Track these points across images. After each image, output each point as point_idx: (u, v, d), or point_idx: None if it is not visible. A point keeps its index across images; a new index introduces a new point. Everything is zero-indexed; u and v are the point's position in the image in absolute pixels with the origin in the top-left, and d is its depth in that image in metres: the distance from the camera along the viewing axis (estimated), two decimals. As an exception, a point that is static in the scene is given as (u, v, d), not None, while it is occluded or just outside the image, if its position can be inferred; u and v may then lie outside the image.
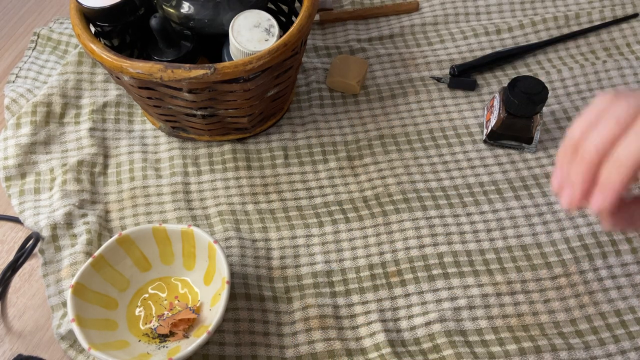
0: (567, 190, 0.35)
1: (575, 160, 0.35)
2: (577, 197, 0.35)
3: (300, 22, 0.50)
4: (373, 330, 0.47)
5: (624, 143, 0.33)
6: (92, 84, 0.62)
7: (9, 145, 0.58)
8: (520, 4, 0.69)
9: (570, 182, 0.35)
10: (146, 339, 0.46)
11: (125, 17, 0.52)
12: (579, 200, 0.35)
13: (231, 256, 0.51)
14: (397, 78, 0.63)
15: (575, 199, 0.35)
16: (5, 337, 0.48)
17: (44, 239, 0.51)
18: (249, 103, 0.53)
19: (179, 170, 0.57)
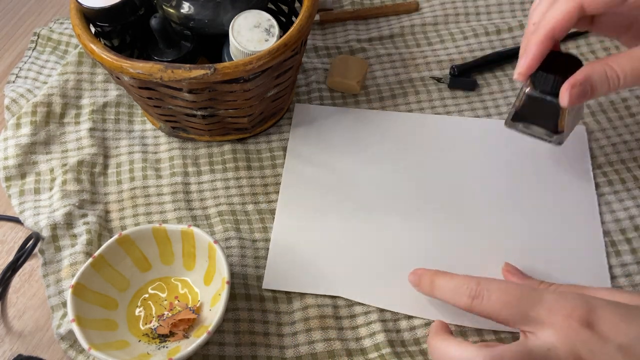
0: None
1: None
2: (518, 66, 0.43)
3: (300, 22, 0.50)
4: (373, 330, 0.47)
5: (547, 14, 0.41)
6: (92, 84, 0.62)
7: (9, 145, 0.58)
8: (520, 4, 0.69)
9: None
10: (146, 339, 0.46)
11: (125, 17, 0.52)
12: (520, 68, 0.43)
13: (231, 256, 0.51)
14: (397, 78, 0.63)
15: (518, 68, 0.43)
16: (5, 337, 0.48)
17: (44, 239, 0.51)
18: (249, 103, 0.53)
19: (179, 171, 0.57)
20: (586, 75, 0.40)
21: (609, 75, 0.40)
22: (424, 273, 0.45)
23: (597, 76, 0.40)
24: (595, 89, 0.40)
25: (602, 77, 0.40)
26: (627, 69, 0.40)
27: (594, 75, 0.40)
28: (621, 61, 0.40)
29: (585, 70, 0.41)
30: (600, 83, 0.40)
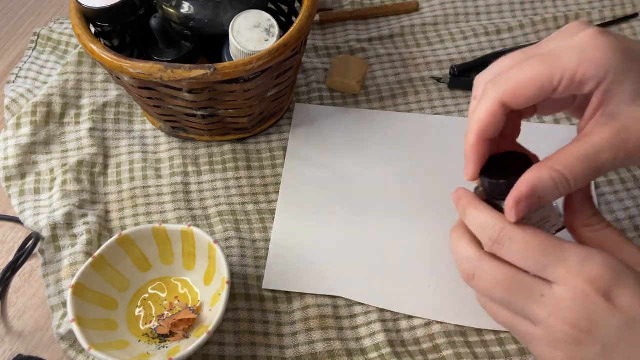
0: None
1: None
2: (465, 168, 0.40)
3: (300, 22, 0.50)
4: (373, 330, 0.47)
5: (473, 114, 0.38)
6: (92, 84, 0.62)
7: (9, 145, 0.58)
8: (520, 4, 0.69)
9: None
10: (146, 339, 0.46)
11: (125, 17, 0.52)
12: (465, 171, 0.40)
13: (231, 256, 0.51)
14: (397, 78, 0.63)
15: (465, 170, 0.40)
16: (5, 337, 0.48)
17: (44, 239, 0.51)
18: (249, 103, 0.53)
19: (179, 171, 0.57)
20: (531, 188, 0.35)
21: (557, 182, 0.35)
22: (463, 196, 0.40)
23: (543, 186, 0.35)
24: (544, 199, 0.35)
25: (549, 186, 0.35)
26: (576, 171, 0.35)
27: (539, 186, 0.35)
28: (569, 162, 0.35)
29: (529, 181, 0.35)
30: (548, 192, 0.35)
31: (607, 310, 0.32)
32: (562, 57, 0.35)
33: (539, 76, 0.35)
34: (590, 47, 0.34)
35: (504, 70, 0.37)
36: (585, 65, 0.34)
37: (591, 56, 0.34)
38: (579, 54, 0.34)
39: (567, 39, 0.36)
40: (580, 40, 0.35)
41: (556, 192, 0.35)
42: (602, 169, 0.34)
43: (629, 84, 0.34)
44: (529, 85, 0.35)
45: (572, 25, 0.37)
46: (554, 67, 0.34)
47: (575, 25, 0.37)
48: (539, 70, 0.35)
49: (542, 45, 0.38)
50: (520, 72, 0.35)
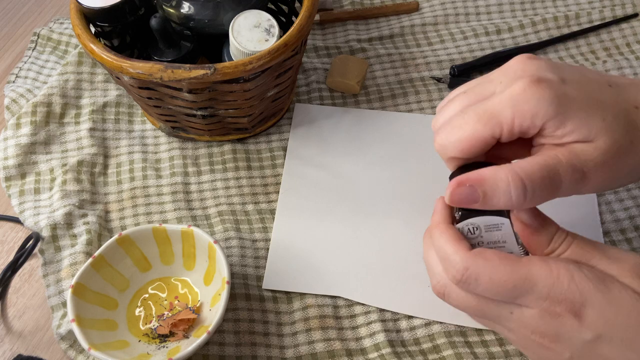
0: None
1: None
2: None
3: (300, 22, 0.50)
4: (373, 330, 0.47)
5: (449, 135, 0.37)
6: (92, 84, 0.62)
7: (9, 145, 0.58)
8: (521, 4, 0.69)
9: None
10: (146, 339, 0.46)
11: (125, 17, 0.52)
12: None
13: (231, 256, 0.51)
14: (397, 78, 0.63)
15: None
16: (5, 337, 0.48)
17: (44, 239, 0.51)
18: (249, 103, 0.53)
19: (179, 171, 0.57)
20: (480, 178, 0.34)
21: (512, 187, 0.33)
22: (436, 212, 0.39)
23: (494, 182, 0.33)
24: (488, 199, 0.34)
25: (501, 185, 0.33)
26: (535, 179, 0.33)
27: (489, 181, 0.34)
28: (530, 168, 0.33)
29: (483, 172, 0.34)
30: (495, 193, 0.34)
31: (575, 326, 0.33)
32: (497, 112, 0.35)
33: (480, 133, 0.36)
34: (521, 100, 0.34)
35: (450, 122, 0.38)
36: (520, 119, 0.35)
37: (524, 109, 0.34)
38: (512, 107, 0.35)
39: (504, 87, 0.36)
40: (512, 93, 0.35)
41: (507, 194, 0.33)
42: (559, 185, 0.34)
43: (569, 124, 0.34)
44: (473, 143, 0.36)
45: (513, 66, 0.37)
46: (492, 123, 0.35)
47: (515, 66, 0.36)
48: (479, 128, 0.36)
49: (484, 86, 0.37)
50: (463, 131, 0.36)
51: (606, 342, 0.33)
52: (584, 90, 0.35)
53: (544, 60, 0.36)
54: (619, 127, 0.35)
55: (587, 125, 0.34)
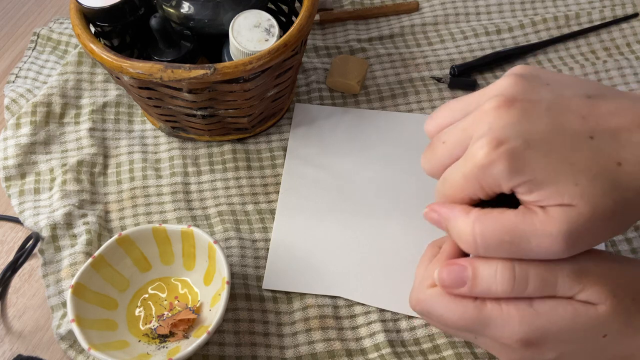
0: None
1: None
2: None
3: (300, 22, 0.50)
4: (373, 330, 0.47)
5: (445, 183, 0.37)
6: (92, 84, 0.62)
7: (8, 145, 0.58)
8: (521, 3, 0.69)
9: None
10: (146, 339, 0.46)
11: (125, 17, 0.52)
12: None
13: (231, 256, 0.51)
14: (397, 78, 0.63)
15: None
16: (5, 337, 0.48)
17: (43, 239, 0.51)
18: (249, 103, 0.53)
19: (179, 171, 0.57)
20: (445, 215, 0.36)
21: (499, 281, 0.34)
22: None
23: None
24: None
25: (458, 232, 0.35)
26: (490, 241, 0.34)
27: (450, 224, 0.36)
28: (487, 225, 0.34)
29: (450, 210, 0.36)
30: (454, 235, 0.36)
31: (536, 353, 0.35)
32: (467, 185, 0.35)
33: (461, 197, 0.36)
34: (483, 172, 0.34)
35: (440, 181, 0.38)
36: (488, 187, 0.34)
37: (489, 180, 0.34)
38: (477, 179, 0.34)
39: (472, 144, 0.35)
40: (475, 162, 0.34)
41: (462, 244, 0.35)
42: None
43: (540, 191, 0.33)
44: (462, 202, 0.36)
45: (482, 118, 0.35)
46: (465, 192, 0.35)
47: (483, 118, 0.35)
48: (458, 194, 0.36)
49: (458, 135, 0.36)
50: (449, 196, 0.37)
51: (569, 355, 0.35)
52: (553, 152, 0.33)
53: (517, 110, 0.34)
54: (596, 190, 0.32)
55: (558, 191, 0.32)
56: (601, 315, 0.34)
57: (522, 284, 0.34)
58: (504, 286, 0.34)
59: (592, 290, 0.34)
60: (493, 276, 0.34)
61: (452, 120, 0.38)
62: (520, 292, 0.34)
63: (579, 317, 0.34)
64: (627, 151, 0.33)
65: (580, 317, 0.34)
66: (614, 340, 0.35)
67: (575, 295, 0.34)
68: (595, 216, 0.32)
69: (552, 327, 0.34)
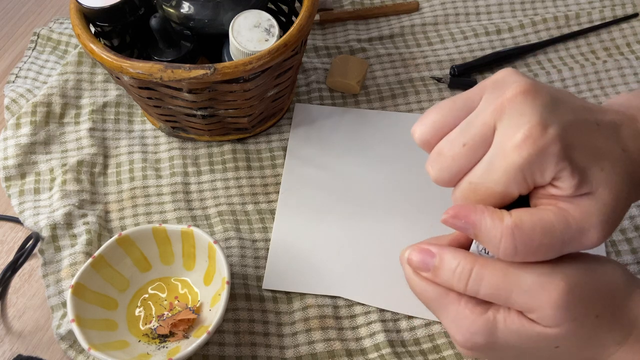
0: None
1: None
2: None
3: (300, 22, 0.50)
4: (373, 330, 0.47)
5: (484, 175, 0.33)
6: (92, 84, 0.62)
7: (8, 145, 0.58)
8: (521, 4, 0.69)
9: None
10: (146, 339, 0.46)
11: (125, 17, 0.52)
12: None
13: (231, 256, 0.51)
14: (397, 78, 0.63)
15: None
16: (5, 337, 0.48)
17: (43, 239, 0.51)
18: (249, 103, 0.53)
19: (179, 171, 0.57)
20: (475, 224, 0.33)
21: (502, 245, 0.32)
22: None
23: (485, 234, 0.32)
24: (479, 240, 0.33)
25: (490, 239, 0.32)
26: (532, 244, 0.32)
27: (483, 231, 0.32)
28: (527, 229, 0.32)
29: (481, 220, 0.32)
30: (485, 242, 0.33)
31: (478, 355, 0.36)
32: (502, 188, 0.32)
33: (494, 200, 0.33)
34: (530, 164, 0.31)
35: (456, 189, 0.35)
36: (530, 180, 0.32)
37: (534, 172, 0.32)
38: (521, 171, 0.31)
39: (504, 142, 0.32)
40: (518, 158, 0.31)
41: (495, 248, 0.32)
42: (558, 250, 0.32)
43: (572, 178, 0.32)
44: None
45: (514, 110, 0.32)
46: (497, 197, 0.33)
47: (515, 108, 0.32)
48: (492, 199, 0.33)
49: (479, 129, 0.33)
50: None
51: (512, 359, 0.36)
52: (581, 136, 0.32)
53: (544, 94, 0.32)
54: (618, 177, 0.32)
55: (590, 177, 0.31)
56: (556, 335, 0.33)
57: (474, 286, 0.33)
58: (459, 284, 0.34)
59: (546, 315, 0.32)
60: (453, 271, 0.34)
61: (454, 119, 0.34)
62: (474, 293, 0.34)
63: (527, 333, 0.33)
64: (627, 140, 0.34)
65: (529, 334, 0.33)
66: (568, 351, 0.34)
67: (529, 313, 0.33)
68: (618, 203, 0.32)
69: (496, 338, 0.34)
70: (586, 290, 0.33)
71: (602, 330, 0.34)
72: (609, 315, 0.33)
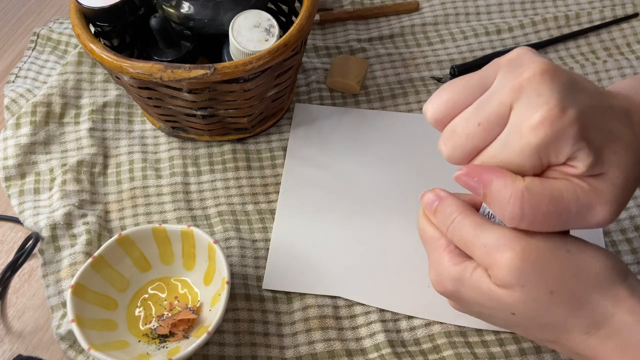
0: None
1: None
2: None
3: (300, 22, 0.50)
4: (373, 330, 0.47)
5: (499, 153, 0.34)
6: (92, 84, 0.62)
7: (8, 145, 0.58)
8: (521, 3, 0.69)
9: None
10: (146, 339, 0.46)
11: (125, 17, 0.52)
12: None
13: (231, 256, 0.51)
14: (397, 78, 0.63)
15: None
16: (5, 337, 0.48)
17: (43, 239, 0.51)
18: (249, 103, 0.53)
19: (179, 171, 0.57)
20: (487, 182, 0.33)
21: (509, 208, 0.33)
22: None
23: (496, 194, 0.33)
24: (487, 201, 0.34)
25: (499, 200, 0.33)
26: (539, 210, 0.32)
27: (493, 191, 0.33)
28: (538, 197, 0.32)
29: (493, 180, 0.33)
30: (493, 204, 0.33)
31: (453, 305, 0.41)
32: (521, 163, 0.33)
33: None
34: (546, 146, 0.32)
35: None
36: (545, 159, 0.32)
37: (550, 152, 0.32)
38: (537, 151, 0.32)
39: (522, 120, 0.32)
40: (536, 138, 0.32)
41: (502, 212, 0.33)
42: (564, 222, 0.33)
43: (587, 158, 0.32)
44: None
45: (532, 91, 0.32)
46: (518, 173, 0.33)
47: (534, 90, 0.32)
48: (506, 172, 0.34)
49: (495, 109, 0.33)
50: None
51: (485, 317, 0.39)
52: (597, 117, 0.32)
53: (563, 75, 0.32)
54: (629, 160, 0.33)
55: (604, 158, 0.32)
56: (508, 300, 0.34)
57: (451, 233, 0.36)
58: (443, 227, 0.37)
59: (497, 274, 0.34)
60: (444, 215, 0.37)
61: (467, 98, 0.34)
62: (451, 238, 0.37)
63: (485, 290, 0.35)
64: (636, 125, 0.34)
65: (485, 291, 0.35)
66: (524, 323, 0.36)
67: (487, 270, 0.35)
68: (627, 184, 0.33)
69: (463, 289, 0.36)
70: (542, 262, 0.33)
71: (559, 311, 0.34)
72: (571, 298, 0.33)
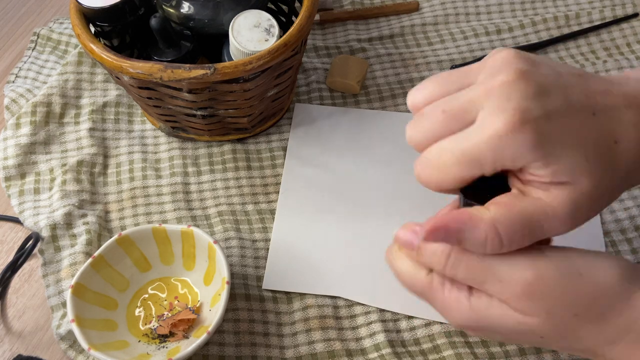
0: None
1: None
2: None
3: (300, 22, 0.50)
4: (373, 330, 0.47)
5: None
6: (92, 84, 0.62)
7: (8, 145, 0.58)
8: (521, 3, 0.69)
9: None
10: (146, 339, 0.46)
11: (125, 17, 0.52)
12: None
13: (231, 256, 0.51)
14: (397, 78, 0.63)
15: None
16: (5, 337, 0.48)
17: (43, 239, 0.51)
18: (249, 103, 0.53)
19: (179, 171, 0.57)
20: (458, 227, 0.33)
21: (488, 242, 0.32)
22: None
23: (470, 236, 0.33)
24: (464, 245, 0.33)
25: (475, 239, 0.33)
26: (515, 236, 0.32)
27: (467, 233, 0.33)
28: (510, 223, 0.32)
29: (462, 219, 0.33)
30: (471, 244, 0.33)
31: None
32: (477, 155, 0.33)
33: (460, 175, 0.34)
34: (502, 145, 0.32)
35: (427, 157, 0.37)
36: (500, 161, 0.32)
37: (505, 154, 0.32)
38: (493, 151, 0.32)
39: (485, 116, 0.32)
40: (493, 134, 0.32)
41: (482, 247, 0.33)
42: (540, 235, 0.33)
43: (552, 167, 0.32)
44: (454, 184, 0.35)
45: (498, 89, 0.32)
46: (471, 165, 0.33)
47: (501, 89, 0.32)
48: (458, 171, 0.34)
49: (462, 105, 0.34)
50: (442, 174, 0.35)
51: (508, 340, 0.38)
52: (569, 125, 0.32)
53: (534, 82, 0.32)
54: (601, 168, 0.32)
55: (571, 167, 0.32)
56: (534, 325, 0.34)
57: (452, 270, 0.34)
58: (439, 266, 0.35)
59: (517, 305, 0.33)
60: (434, 253, 0.35)
61: (446, 92, 0.35)
62: (452, 276, 0.35)
63: (508, 320, 0.34)
64: (621, 130, 0.33)
65: (510, 321, 0.34)
66: (556, 345, 0.35)
67: (507, 300, 0.33)
68: (597, 193, 0.32)
69: (484, 323, 0.35)
70: (562, 289, 0.33)
71: (587, 331, 0.34)
72: (595, 317, 0.33)
